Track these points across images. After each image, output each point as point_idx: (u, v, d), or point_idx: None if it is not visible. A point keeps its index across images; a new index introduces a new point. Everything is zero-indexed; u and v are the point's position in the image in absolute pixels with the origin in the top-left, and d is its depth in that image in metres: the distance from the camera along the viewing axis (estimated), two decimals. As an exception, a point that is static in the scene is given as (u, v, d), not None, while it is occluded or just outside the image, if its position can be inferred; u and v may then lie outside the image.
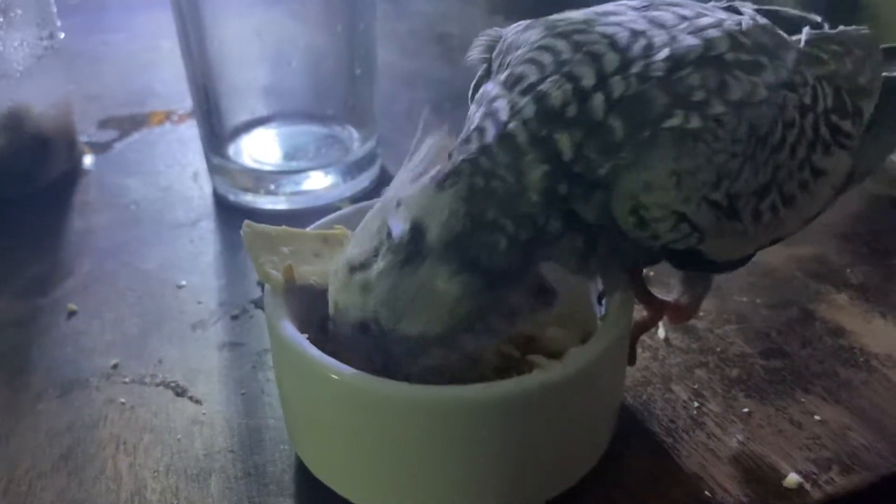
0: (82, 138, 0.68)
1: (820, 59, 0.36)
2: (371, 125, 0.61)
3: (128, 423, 0.43)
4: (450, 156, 0.33)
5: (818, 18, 0.41)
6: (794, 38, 0.37)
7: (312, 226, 0.41)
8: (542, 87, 0.33)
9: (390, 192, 0.34)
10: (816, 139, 0.35)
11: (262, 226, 0.39)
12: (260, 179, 0.60)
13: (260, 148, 0.61)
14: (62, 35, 0.63)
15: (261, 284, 0.51)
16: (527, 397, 0.33)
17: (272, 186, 0.59)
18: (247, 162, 0.60)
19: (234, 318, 0.49)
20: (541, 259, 0.33)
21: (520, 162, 0.32)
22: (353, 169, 0.61)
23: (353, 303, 0.33)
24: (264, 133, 0.62)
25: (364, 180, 0.61)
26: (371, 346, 0.33)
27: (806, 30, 0.37)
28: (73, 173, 0.64)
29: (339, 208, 0.54)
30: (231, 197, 0.60)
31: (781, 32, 0.36)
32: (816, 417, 0.42)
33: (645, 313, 0.42)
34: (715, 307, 0.49)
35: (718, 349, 0.46)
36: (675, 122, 0.31)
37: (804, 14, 0.41)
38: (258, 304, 0.50)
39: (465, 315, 0.32)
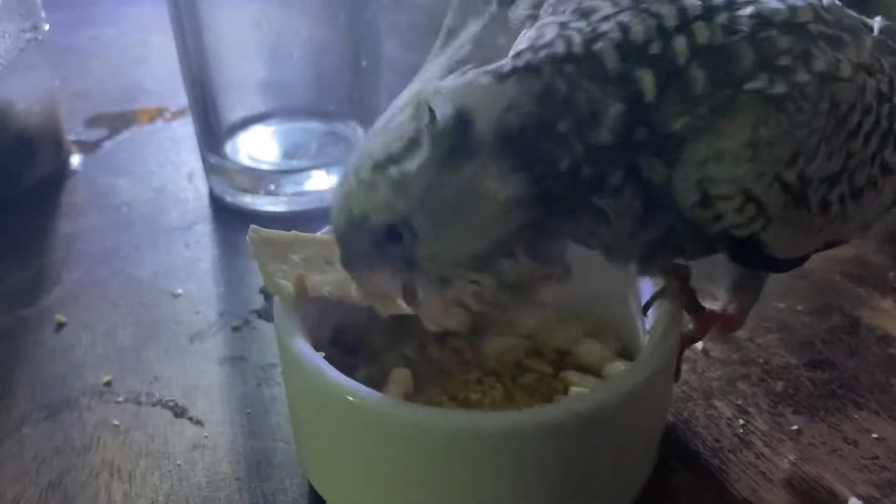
0: (70, 137, 0.64)
1: (893, 49, 0.33)
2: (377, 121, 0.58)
3: (122, 447, 0.39)
4: (519, 54, 0.29)
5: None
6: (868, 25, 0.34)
7: (323, 230, 0.38)
8: (621, 17, 0.29)
9: (417, 84, 0.30)
10: (890, 132, 0.32)
11: (270, 231, 0.35)
12: (259, 179, 0.56)
13: (259, 146, 0.58)
14: (47, 27, 0.60)
15: (264, 293, 0.48)
16: (573, 423, 0.29)
17: (272, 187, 0.56)
18: (245, 161, 0.57)
19: (236, 329, 0.46)
20: (589, 210, 0.29)
21: (602, 87, 0.28)
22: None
23: (379, 204, 0.28)
24: (263, 130, 0.59)
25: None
26: (393, 262, 0.29)
27: (878, 19, 0.34)
28: (60, 174, 0.61)
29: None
30: (228, 198, 0.57)
31: (856, 15, 0.33)
32: (873, 435, 0.38)
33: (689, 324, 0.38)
34: (753, 313, 0.46)
35: (761, 360, 0.43)
36: (758, 84, 0.28)
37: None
38: (261, 314, 0.47)
39: (512, 229, 0.28)
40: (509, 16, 0.34)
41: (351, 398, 0.30)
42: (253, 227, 0.35)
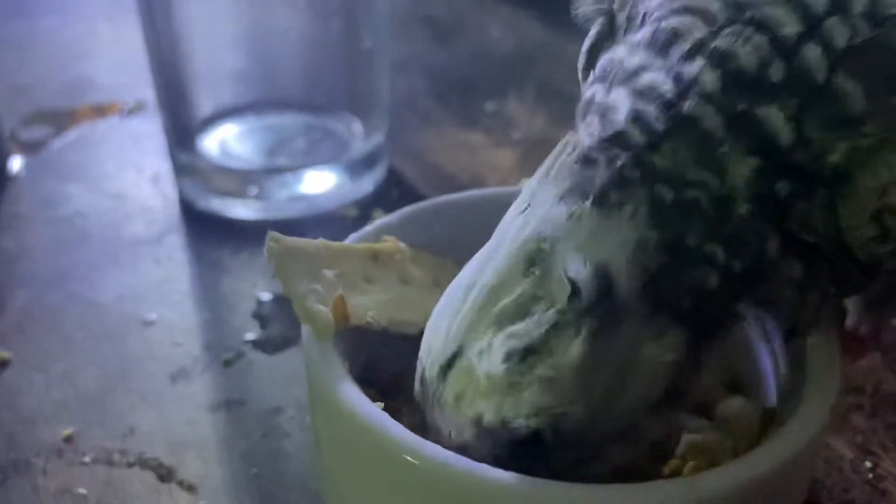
0: (7, 137, 0.55)
1: None
2: (380, 114, 0.50)
3: (92, 525, 0.30)
4: (585, 158, 0.23)
5: None
6: None
7: (352, 236, 0.30)
8: (717, 43, 0.22)
9: (513, 221, 0.24)
10: None
11: (295, 240, 0.27)
12: (239, 181, 0.47)
13: (239, 143, 0.49)
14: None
15: (259, 318, 0.40)
16: (748, 491, 0.21)
17: (254, 190, 0.47)
18: (222, 160, 0.48)
19: (228, 364, 0.37)
20: (746, 302, 0.23)
21: (713, 157, 0.22)
22: (357, 167, 0.49)
23: (526, 408, 0.22)
24: (243, 125, 0.50)
25: (369, 181, 0.49)
26: (529, 463, 0.23)
27: None
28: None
29: (345, 217, 0.43)
30: (202, 203, 0.48)
31: None
32: None
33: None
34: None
35: (868, 388, 0.36)
36: None
37: None
38: (258, 344, 0.38)
39: (667, 386, 0.23)
40: (575, 11, 0.27)
41: (449, 475, 0.22)
42: (272, 233, 0.26)
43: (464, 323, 0.23)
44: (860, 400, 0.35)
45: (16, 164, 0.52)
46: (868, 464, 0.32)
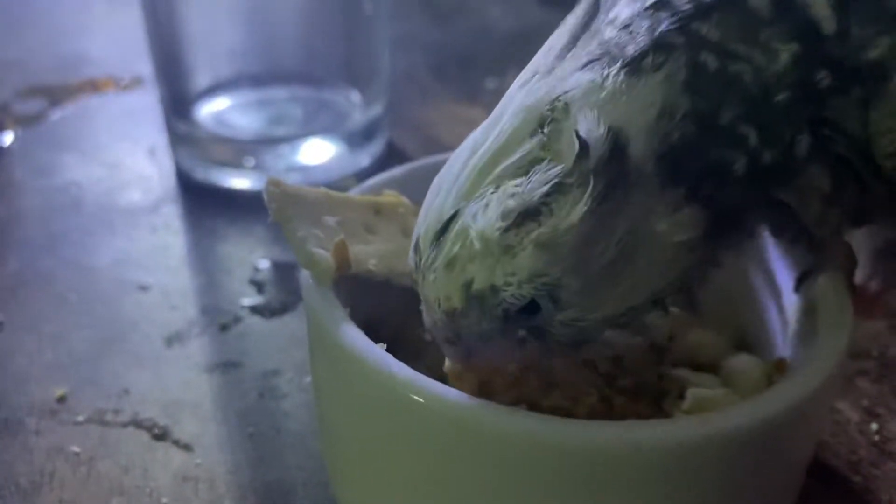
0: (1, 110, 0.54)
1: None
2: (379, 86, 0.49)
3: (85, 482, 0.29)
4: (624, 26, 0.22)
5: None
6: None
7: (353, 191, 0.29)
8: None
9: (522, 90, 0.22)
10: None
11: (296, 186, 0.26)
12: (236, 151, 0.47)
13: (236, 114, 0.49)
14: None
15: (256, 284, 0.39)
16: (758, 432, 0.21)
17: (251, 160, 0.47)
18: (219, 130, 0.47)
19: (224, 328, 0.37)
20: (770, 212, 0.22)
21: (758, 37, 0.21)
22: (356, 138, 0.48)
23: (520, 274, 0.20)
24: (241, 96, 0.49)
25: (368, 153, 0.49)
26: (516, 335, 0.22)
27: None
28: (-9, 150, 0.50)
29: (344, 188, 0.43)
30: (199, 174, 0.47)
31: None
32: None
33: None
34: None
35: (874, 353, 0.36)
36: None
37: None
38: (255, 309, 0.38)
39: (679, 272, 0.22)
40: None
41: (457, 413, 0.21)
42: (272, 178, 0.26)
43: (463, 186, 0.21)
44: (867, 364, 0.35)
45: (9, 137, 0.52)
46: (874, 426, 0.32)
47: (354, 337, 0.23)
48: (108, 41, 0.64)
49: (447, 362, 0.24)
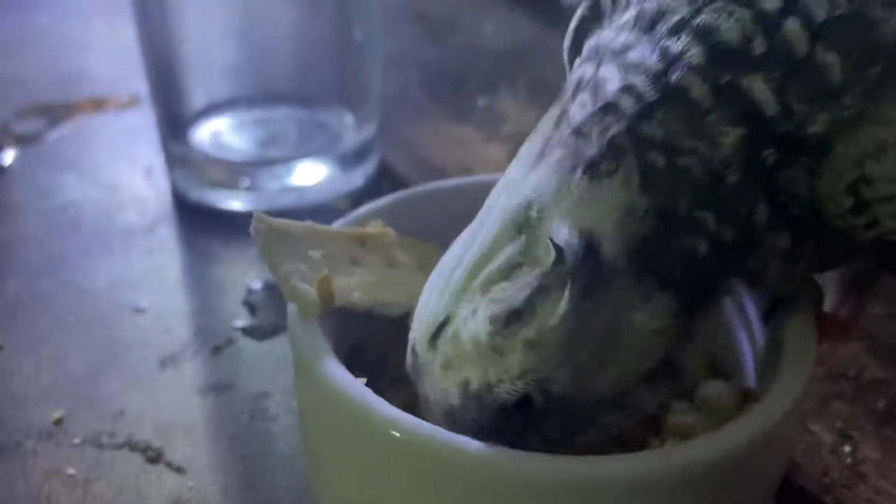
0: (0, 129, 0.55)
1: None
2: (371, 107, 0.50)
3: (81, 503, 0.30)
4: (578, 131, 0.23)
5: None
6: None
7: (340, 221, 0.30)
8: (701, 18, 0.23)
9: (502, 195, 0.24)
10: None
11: (281, 220, 0.27)
12: (231, 172, 0.48)
13: (231, 135, 0.50)
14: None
15: (248, 306, 0.40)
16: (718, 465, 0.22)
17: (246, 181, 0.48)
18: (215, 151, 0.48)
19: (217, 350, 0.38)
20: (733, 273, 0.24)
21: (702, 126, 0.22)
22: (348, 159, 0.49)
23: (512, 372, 0.22)
24: (236, 118, 0.50)
25: (361, 174, 0.50)
26: (520, 431, 0.23)
27: None
28: (-10, 170, 0.51)
29: (336, 210, 0.43)
30: (194, 194, 0.48)
31: None
32: None
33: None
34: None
35: (850, 374, 0.36)
36: None
37: None
38: (247, 331, 0.39)
39: (661, 354, 0.23)
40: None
41: (431, 448, 0.22)
42: (258, 214, 0.27)
43: (452, 292, 0.23)
44: (842, 387, 0.36)
45: (9, 156, 0.53)
46: (847, 448, 0.33)
47: (335, 371, 0.24)
48: (107, 60, 0.64)
49: None
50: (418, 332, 0.24)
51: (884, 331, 0.39)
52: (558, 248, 0.22)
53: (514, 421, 0.23)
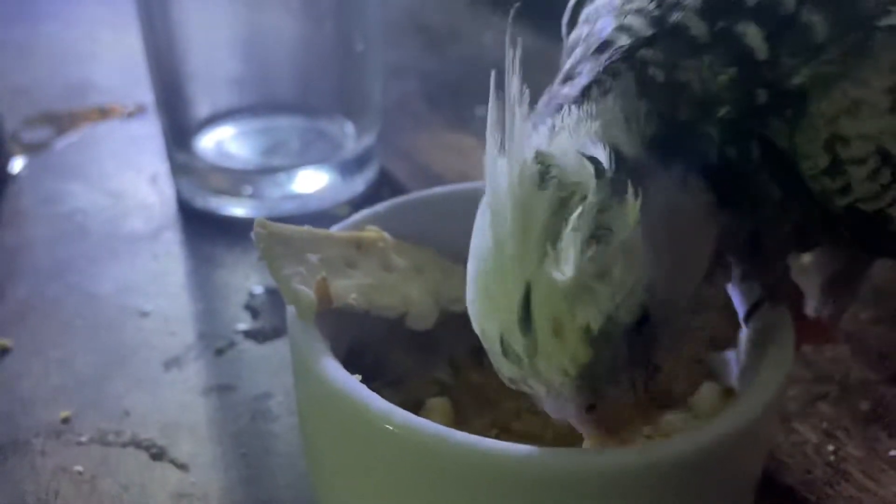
0: (10, 137, 0.56)
1: None
2: (372, 116, 0.51)
3: (88, 500, 0.31)
4: (567, 76, 0.25)
5: None
6: None
7: (337, 226, 0.31)
8: None
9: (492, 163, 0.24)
10: None
11: (281, 225, 0.28)
12: (235, 180, 0.49)
13: (234, 144, 0.51)
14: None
15: (251, 310, 0.41)
16: (700, 458, 0.23)
17: (249, 189, 0.49)
18: (218, 160, 0.50)
19: (220, 353, 0.39)
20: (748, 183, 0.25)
21: (701, 57, 0.24)
22: (349, 167, 0.50)
23: (623, 290, 0.21)
24: (239, 127, 0.51)
25: (361, 181, 0.51)
26: (644, 351, 0.23)
27: None
28: (0, 178, 0.52)
29: (337, 217, 0.45)
30: (199, 202, 0.50)
31: None
32: None
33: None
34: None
35: (837, 377, 0.37)
36: (894, 20, 0.24)
37: None
38: (249, 334, 0.40)
39: (712, 246, 0.24)
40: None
41: (423, 441, 0.23)
42: (259, 219, 0.28)
43: (510, 270, 0.22)
44: (826, 389, 0.37)
45: (17, 164, 0.54)
46: (831, 447, 0.34)
47: (333, 370, 0.25)
48: (113, 69, 0.66)
49: (586, 439, 0.24)
50: (495, 336, 0.22)
51: (868, 335, 0.40)
52: (593, 160, 0.22)
53: (637, 343, 0.22)
